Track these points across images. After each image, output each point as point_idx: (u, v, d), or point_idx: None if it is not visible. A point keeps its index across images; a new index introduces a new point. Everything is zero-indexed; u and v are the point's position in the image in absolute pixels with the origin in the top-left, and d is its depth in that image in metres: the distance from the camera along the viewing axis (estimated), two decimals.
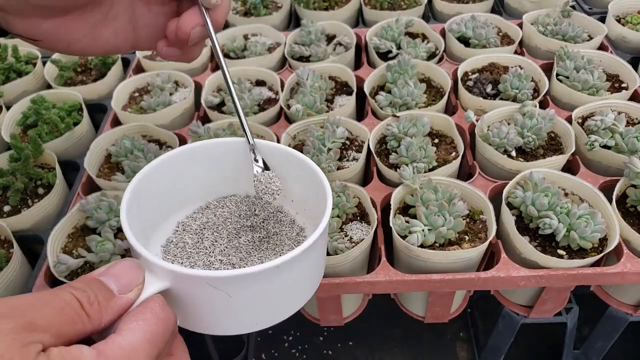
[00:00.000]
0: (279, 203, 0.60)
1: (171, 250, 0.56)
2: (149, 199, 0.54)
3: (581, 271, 0.69)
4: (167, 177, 0.56)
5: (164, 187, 0.56)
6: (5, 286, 0.72)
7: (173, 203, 0.59)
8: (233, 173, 0.59)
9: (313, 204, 0.55)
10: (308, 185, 0.55)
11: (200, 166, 0.58)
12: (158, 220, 0.58)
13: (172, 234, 0.58)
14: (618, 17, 1.16)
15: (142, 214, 0.53)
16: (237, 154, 0.58)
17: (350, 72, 1.00)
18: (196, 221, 0.59)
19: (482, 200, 0.75)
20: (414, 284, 0.70)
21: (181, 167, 0.57)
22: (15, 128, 0.99)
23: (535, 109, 0.86)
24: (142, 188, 0.53)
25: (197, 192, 0.60)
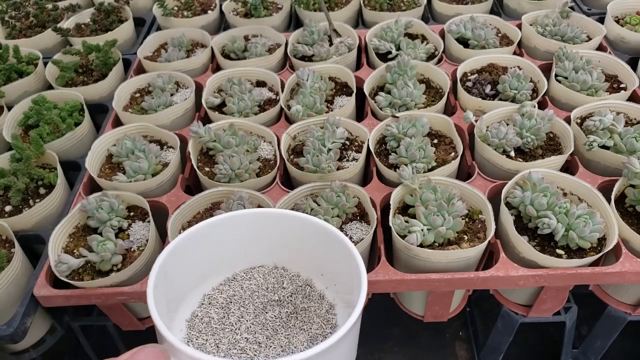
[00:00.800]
0: (308, 276, 0.58)
1: (196, 325, 0.54)
2: (176, 273, 0.53)
3: (580, 271, 0.69)
4: (197, 249, 0.55)
5: (191, 259, 0.55)
6: (7, 285, 0.73)
7: (200, 274, 0.57)
8: (262, 243, 0.58)
9: (344, 280, 0.53)
10: (340, 261, 0.53)
11: (230, 236, 0.56)
12: (184, 292, 0.56)
13: (198, 307, 0.56)
14: (617, 17, 1.17)
15: (168, 288, 0.51)
16: (267, 224, 0.56)
17: (350, 72, 1.00)
18: (222, 294, 0.57)
19: (481, 200, 0.76)
20: (414, 283, 0.71)
21: (211, 238, 0.55)
22: (16, 128, 0.99)
23: (534, 110, 0.87)
24: (170, 262, 0.51)
25: (225, 262, 0.58)
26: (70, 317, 0.84)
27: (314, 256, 0.57)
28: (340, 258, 0.53)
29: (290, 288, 0.58)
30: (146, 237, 0.77)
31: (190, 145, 0.88)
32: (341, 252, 0.52)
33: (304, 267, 0.59)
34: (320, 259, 0.57)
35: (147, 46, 1.15)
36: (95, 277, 0.72)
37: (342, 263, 0.53)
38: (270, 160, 0.88)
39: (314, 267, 0.58)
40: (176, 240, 0.52)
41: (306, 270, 0.59)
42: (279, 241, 0.57)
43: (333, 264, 0.55)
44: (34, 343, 0.80)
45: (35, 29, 1.26)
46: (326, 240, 0.54)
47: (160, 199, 0.83)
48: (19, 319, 0.70)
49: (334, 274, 0.56)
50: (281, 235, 0.57)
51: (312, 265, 0.58)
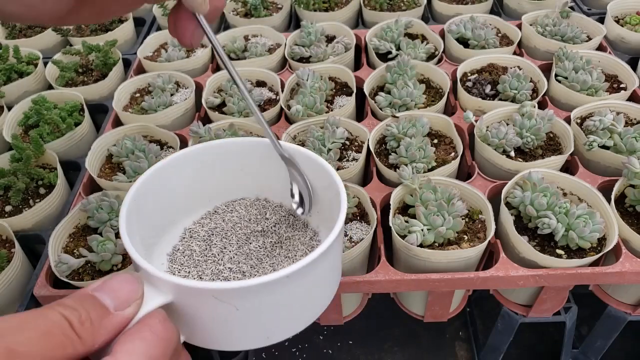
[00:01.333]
0: (291, 206, 0.57)
1: (178, 258, 0.53)
2: (151, 205, 0.51)
3: (580, 271, 0.69)
4: (172, 180, 0.53)
5: (168, 192, 0.53)
6: (7, 286, 0.73)
7: (179, 208, 0.56)
8: (243, 175, 0.57)
9: (326, 205, 0.53)
10: (320, 186, 0.52)
11: (208, 168, 0.55)
12: (163, 227, 0.55)
13: (179, 241, 0.55)
14: (617, 17, 1.17)
15: (144, 221, 0.50)
16: (247, 154, 0.55)
17: (350, 72, 1.00)
18: (204, 227, 0.57)
19: (481, 200, 0.76)
20: (413, 284, 0.71)
21: (187, 169, 0.54)
22: (16, 128, 0.99)
23: (534, 110, 0.87)
24: (143, 193, 0.49)
25: (205, 196, 0.57)
26: None
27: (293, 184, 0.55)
28: (320, 183, 0.52)
29: (273, 218, 0.57)
30: None
31: (190, 145, 0.88)
32: (321, 177, 0.52)
33: (286, 197, 0.57)
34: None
35: (147, 46, 1.15)
36: (95, 277, 0.72)
37: (323, 189, 0.52)
38: None
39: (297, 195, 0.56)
40: (150, 169, 0.50)
41: (288, 199, 0.57)
42: (260, 172, 0.56)
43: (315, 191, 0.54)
44: None
45: (35, 28, 1.26)
46: (305, 165, 0.53)
47: None
48: None
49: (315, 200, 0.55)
50: (261, 166, 0.56)
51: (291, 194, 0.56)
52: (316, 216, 0.56)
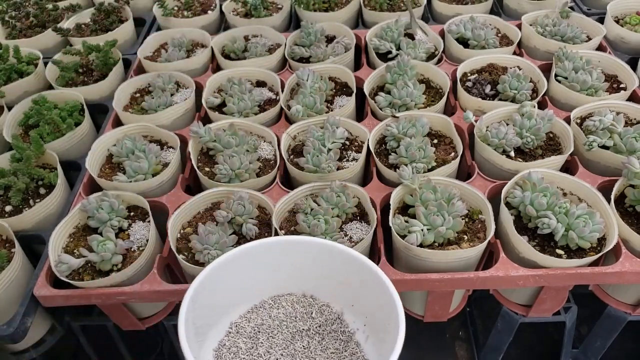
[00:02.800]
0: (339, 309, 0.57)
1: (224, 355, 0.53)
2: (206, 302, 0.51)
3: (580, 271, 0.69)
4: (226, 277, 0.54)
5: (221, 288, 0.54)
6: (7, 286, 0.73)
7: (228, 302, 0.56)
8: (290, 271, 0.57)
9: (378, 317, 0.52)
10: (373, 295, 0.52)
11: (261, 264, 0.55)
12: (213, 321, 0.55)
13: (225, 336, 0.55)
14: (617, 18, 1.17)
15: (197, 317, 0.50)
16: (296, 252, 0.55)
17: (350, 73, 1.00)
18: (250, 322, 0.56)
19: (481, 200, 0.76)
20: (413, 283, 0.71)
21: (241, 266, 0.54)
22: (17, 128, 0.99)
23: (534, 110, 0.87)
24: (200, 292, 0.50)
25: (253, 289, 0.57)
26: (70, 317, 0.84)
27: (345, 287, 0.55)
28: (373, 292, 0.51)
29: (319, 319, 0.57)
30: (146, 237, 0.77)
31: (191, 145, 0.88)
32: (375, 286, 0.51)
33: (334, 298, 0.58)
34: (352, 291, 0.55)
35: (147, 46, 1.15)
36: (95, 277, 0.72)
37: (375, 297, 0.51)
38: (270, 160, 0.88)
39: (345, 298, 0.56)
40: (207, 269, 0.51)
41: (336, 301, 0.57)
42: (310, 269, 0.56)
43: (365, 297, 0.54)
44: (34, 343, 0.80)
45: (35, 29, 1.26)
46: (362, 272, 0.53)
47: (161, 199, 0.83)
48: (19, 319, 0.70)
49: (366, 309, 0.55)
50: (312, 263, 0.56)
51: (342, 296, 0.56)
52: (362, 320, 0.56)
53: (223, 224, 0.75)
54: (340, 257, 0.54)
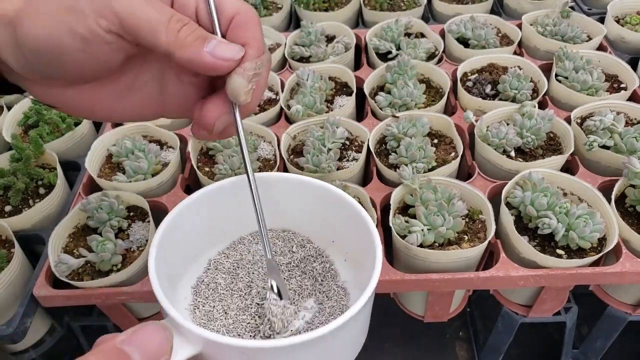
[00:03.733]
0: (320, 244, 0.57)
1: (202, 291, 0.52)
2: (178, 240, 0.51)
3: (580, 271, 0.69)
4: (200, 215, 0.53)
5: (195, 226, 0.53)
6: (6, 286, 0.73)
7: (204, 240, 0.55)
8: (270, 208, 0.54)
9: (356, 250, 0.52)
10: (353, 231, 0.51)
11: (237, 201, 0.54)
12: (188, 259, 0.54)
13: (204, 273, 0.54)
14: (617, 17, 1.17)
15: (169, 257, 0.49)
16: (276, 189, 0.55)
17: (350, 72, 1.00)
18: (229, 258, 0.56)
19: (482, 200, 0.76)
20: (414, 284, 0.71)
21: (217, 204, 0.53)
22: (16, 128, 0.99)
23: (535, 110, 0.87)
24: (172, 229, 0.49)
25: (230, 226, 0.57)
26: (70, 317, 0.84)
27: (326, 224, 0.55)
28: (353, 228, 0.51)
29: (300, 253, 0.56)
30: (146, 237, 0.77)
31: (190, 145, 0.88)
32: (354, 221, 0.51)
33: (315, 234, 0.57)
34: (332, 227, 0.55)
35: None
36: (95, 278, 0.72)
37: (355, 234, 0.51)
38: (270, 160, 0.88)
39: (325, 234, 0.56)
40: (178, 207, 0.50)
41: (317, 237, 0.57)
42: (289, 206, 0.55)
43: (345, 232, 0.54)
44: (33, 343, 0.80)
45: None
46: (338, 207, 0.52)
47: (160, 199, 0.82)
48: (18, 319, 0.70)
49: (346, 242, 0.55)
50: (292, 201, 0.55)
51: (323, 233, 0.55)
52: (343, 255, 0.56)
53: None
54: (320, 194, 0.53)
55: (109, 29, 0.37)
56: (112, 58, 0.40)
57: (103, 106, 0.43)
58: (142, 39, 0.38)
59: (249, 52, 0.40)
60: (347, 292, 0.54)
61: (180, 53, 0.38)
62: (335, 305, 0.52)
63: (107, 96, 0.43)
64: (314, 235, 0.58)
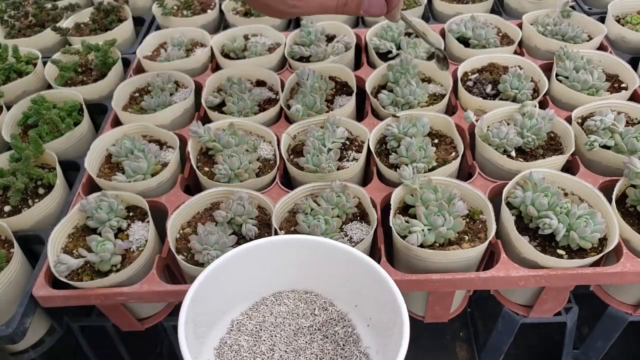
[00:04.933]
0: (342, 308, 0.57)
1: (225, 354, 0.52)
2: (206, 302, 0.51)
3: (581, 271, 0.69)
4: (227, 276, 0.53)
5: (222, 288, 0.53)
6: (6, 286, 0.73)
7: (229, 300, 0.55)
8: (292, 270, 0.56)
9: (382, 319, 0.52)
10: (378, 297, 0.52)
11: (262, 262, 0.54)
12: (213, 320, 0.54)
13: (226, 334, 0.54)
14: (618, 17, 1.17)
15: (197, 317, 0.50)
16: (298, 251, 0.55)
17: (351, 72, 1.00)
18: (251, 320, 0.55)
19: (482, 200, 0.75)
20: (414, 284, 0.71)
21: (243, 265, 0.54)
22: (15, 128, 0.99)
23: (535, 109, 0.87)
24: (200, 293, 0.50)
25: (253, 287, 0.57)
26: (69, 317, 0.84)
27: (349, 287, 0.54)
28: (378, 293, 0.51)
29: (322, 316, 0.56)
30: (145, 237, 0.76)
31: (190, 145, 0.88)
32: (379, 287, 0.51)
33: (337, 297, 0.57)
34: (355, 290, 0.55)
35: (146, 45, 1.15)
36: (94, 278, 0.72)
37: (379, 298, 0.51)
38: (270, 160, 0.88)
39: (348, 298, 0.55)
40: (207, 270, 0.51)
41: (339, 300, 0.57)
42: (311, 268, 0.55)
43: (369, 297, 0.53)
44: (33, 343, 0.80)
45: (34, 28, 1.25)
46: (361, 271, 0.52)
47: (160, 199, 0.82)
48: (18, 319, 0.70)
49: (370, 308, 0.55)
50: (314, 263, 0.55)
51: (346, 296, 0.55)
52: (367, 322, 0.56)
53: (222, 224, 0.74)
54: (346, 258, 0.54)
55: None
56: None
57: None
58: None
59: None
60: (369, 358, 0.53)
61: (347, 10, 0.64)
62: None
63: None
64: (337, 298, 0.58)
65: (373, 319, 0.55)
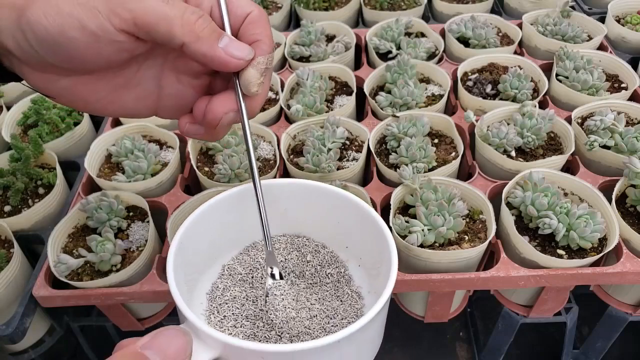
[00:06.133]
0: (332, 248, 0.58)
1: (217, 297, 0.52)
2: (194, 246, 0.51)
3: (581, 271, 0.69)
4: (215, 222, 0.53)
5: (210, 233, 0.53)
6: (6, 286, 0.73)
7: (218, 246, 0.55)
8: (283, 214, 0.56)
9: (371, 256, 0.53)
10: (367, 237, 0.52)
11: (247, 207, 0.53)
12: (204, 265, 0.54)
13: (218, 279, 0.54)
14: (618, 17, 1.17)
15: (186, 263, 0.50)
16: (288, 196, 0.55)
17: (350, 72, 1.00)
18: (242, 264, 0.55)
19: (482, 200, 0.75)
20: (414, 284, 0.71)
21: (230, 210, 0.54)
22: (15, 128, 0.99)
23: (535, 109, 0.87)
24: (188, 237, 0.50)
25: (244, 232, 0.57)
26: (69, 317, 0.84)
27: (339, 229, 0.55)
28: (367, 233, 0.52)
29: (315, 261, 0.56)
30: (145, 237, 0.77)
31: (190, 145, 0.88)
32: (369, 227, 0.51)
33: (328, 239, 0.58)
34: (345, 232, 0.55)
35: None
36: (94, 278, 0.72)
37: (369, 238, 0.52)
38: (270, 160, 0.88)
39: (339, 240, 0.56)
40: (193, 215, 0.51)
41: (330, 242, 0.57)
42: (302, 212, 0.55)
43: (359, 238, 0.54)
44: (33, 343, 0.80)
45: None
46: (352, 212, 0.53)
47: (160, 198, 0.82)
48: (18, 319, 0.70)
49: (360, 248, 0.55)
50: (304, 207, 0.55)
51: (336, 238, 0.56)
52: (356, 260, 0.56)
53: None
54: (335, 200, 0.54)
55: (121, 28, 0.38)
56: (117, 56, 0.40)
57: (98, 98, 0.44)
58: (156, 34, 0.39)
59: (262, 47, 0.43)
60: (361, 296, 0.54)
61: (195, 45, 0.39)
62: (349, 309, 0.52)
63: (103, 88, 0.44)
64: (327, 240, 0.58)
65: (363, 259, 0.56)
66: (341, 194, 0.54)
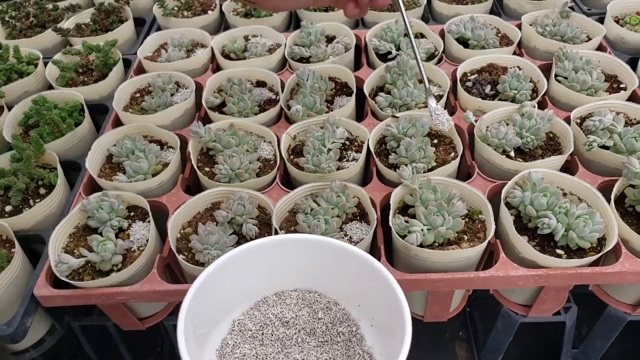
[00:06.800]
0: (344, 305, 0.57)
1: (227, 355, 0.52)
2: (206, 303, 0.51)
3: (580, 271, 0.69)
4: (228, 276, 0.53)
5: (223, 287, 0.53)
6: (7, 285, 0.73)
7: (230, 301, 0.55)
8: (294, 269, 0.56)
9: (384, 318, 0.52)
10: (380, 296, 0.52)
11: (261, 262, 0.54)
12: (214, 321, 0.54)
13: (228, 334, 0.54)
14: (617, 18, 1.17)
15: (198, 318, 0.50)
16: (298, 250, 0.55)
17: (350, 73, 1.00)
18: (253, 321, 0.55)
19: (481, 200, 0.76)
20: (414, 283, 0.71)
21: (244, 265, 0.54)
22: (17, 128, 0.99)
23: (534, 110, 0.87)
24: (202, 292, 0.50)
25: (255, 287, 0.56)
26: (70, 317, 0.84)
27: (351, 286, 0.54)
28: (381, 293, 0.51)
29: (326, 318, 0.56)
30: (146, 237, 0.77)
31: (190, 145, 0.88)
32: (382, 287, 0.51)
33: (340, 296, 0.57)
34: (358, 290, 0.55)
35: (147, 46, 1.15)
36: (95, 277, 0.72)
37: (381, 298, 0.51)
38: (270, 160, 0.88)
39: (351, 297, 0.55)
40: (208, 270, 0.50)
41: (342, 299, 0.57)
42: (312, 267, 0.55)
43: (372, 298, 0.53)
44: (34, 343, 0.80)
45: (35, 29, 1.26)
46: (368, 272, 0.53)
47: (161, 199, 0.83)
48: (19, 319, 0.70)
49: (373, 308, 0.55)
50: (315, 262, 0.55)
51: (349, 296, 0.55)
52: (368, 320, 0.56)
53: (223, 224, 0.75)
54: (346, 256, 0.54)
55: None
56: None
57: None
58: None
59: None
60: (373, 358, 0.53)
61: None
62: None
63: None
64: (340, 297, 0.58)
65: (376, 319, 0.55)
66: (355, 252, 0.54)
